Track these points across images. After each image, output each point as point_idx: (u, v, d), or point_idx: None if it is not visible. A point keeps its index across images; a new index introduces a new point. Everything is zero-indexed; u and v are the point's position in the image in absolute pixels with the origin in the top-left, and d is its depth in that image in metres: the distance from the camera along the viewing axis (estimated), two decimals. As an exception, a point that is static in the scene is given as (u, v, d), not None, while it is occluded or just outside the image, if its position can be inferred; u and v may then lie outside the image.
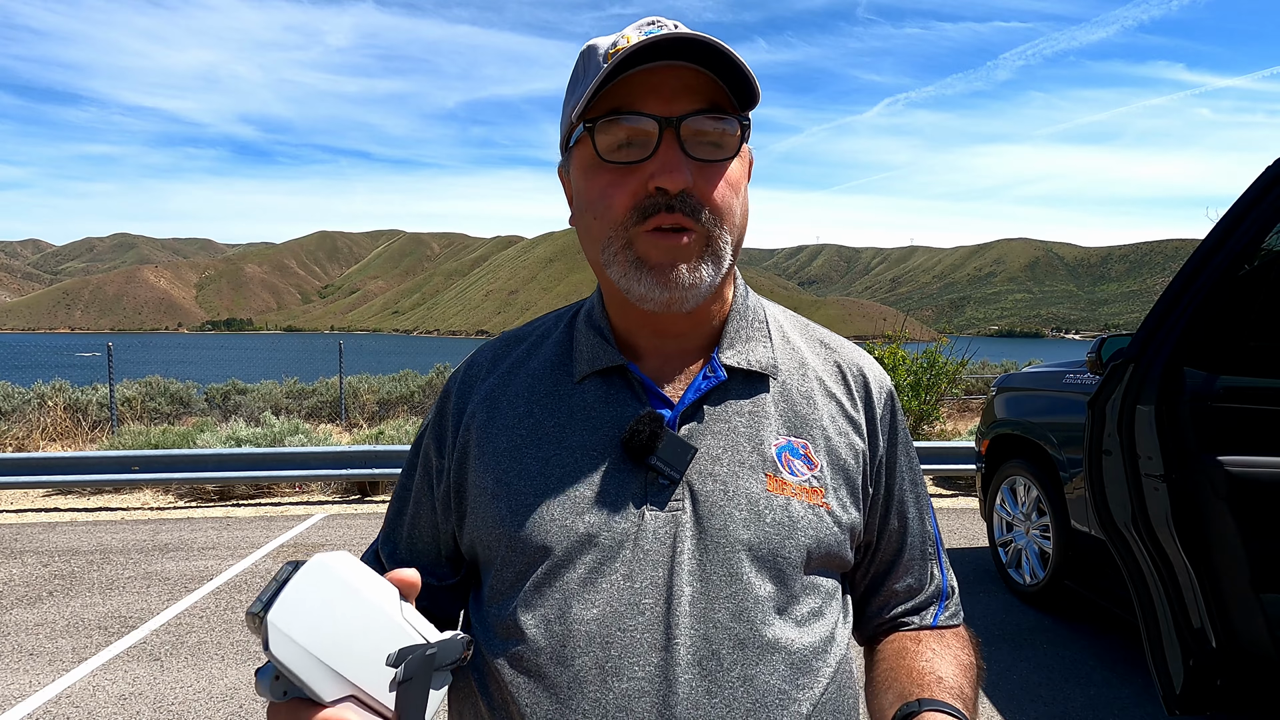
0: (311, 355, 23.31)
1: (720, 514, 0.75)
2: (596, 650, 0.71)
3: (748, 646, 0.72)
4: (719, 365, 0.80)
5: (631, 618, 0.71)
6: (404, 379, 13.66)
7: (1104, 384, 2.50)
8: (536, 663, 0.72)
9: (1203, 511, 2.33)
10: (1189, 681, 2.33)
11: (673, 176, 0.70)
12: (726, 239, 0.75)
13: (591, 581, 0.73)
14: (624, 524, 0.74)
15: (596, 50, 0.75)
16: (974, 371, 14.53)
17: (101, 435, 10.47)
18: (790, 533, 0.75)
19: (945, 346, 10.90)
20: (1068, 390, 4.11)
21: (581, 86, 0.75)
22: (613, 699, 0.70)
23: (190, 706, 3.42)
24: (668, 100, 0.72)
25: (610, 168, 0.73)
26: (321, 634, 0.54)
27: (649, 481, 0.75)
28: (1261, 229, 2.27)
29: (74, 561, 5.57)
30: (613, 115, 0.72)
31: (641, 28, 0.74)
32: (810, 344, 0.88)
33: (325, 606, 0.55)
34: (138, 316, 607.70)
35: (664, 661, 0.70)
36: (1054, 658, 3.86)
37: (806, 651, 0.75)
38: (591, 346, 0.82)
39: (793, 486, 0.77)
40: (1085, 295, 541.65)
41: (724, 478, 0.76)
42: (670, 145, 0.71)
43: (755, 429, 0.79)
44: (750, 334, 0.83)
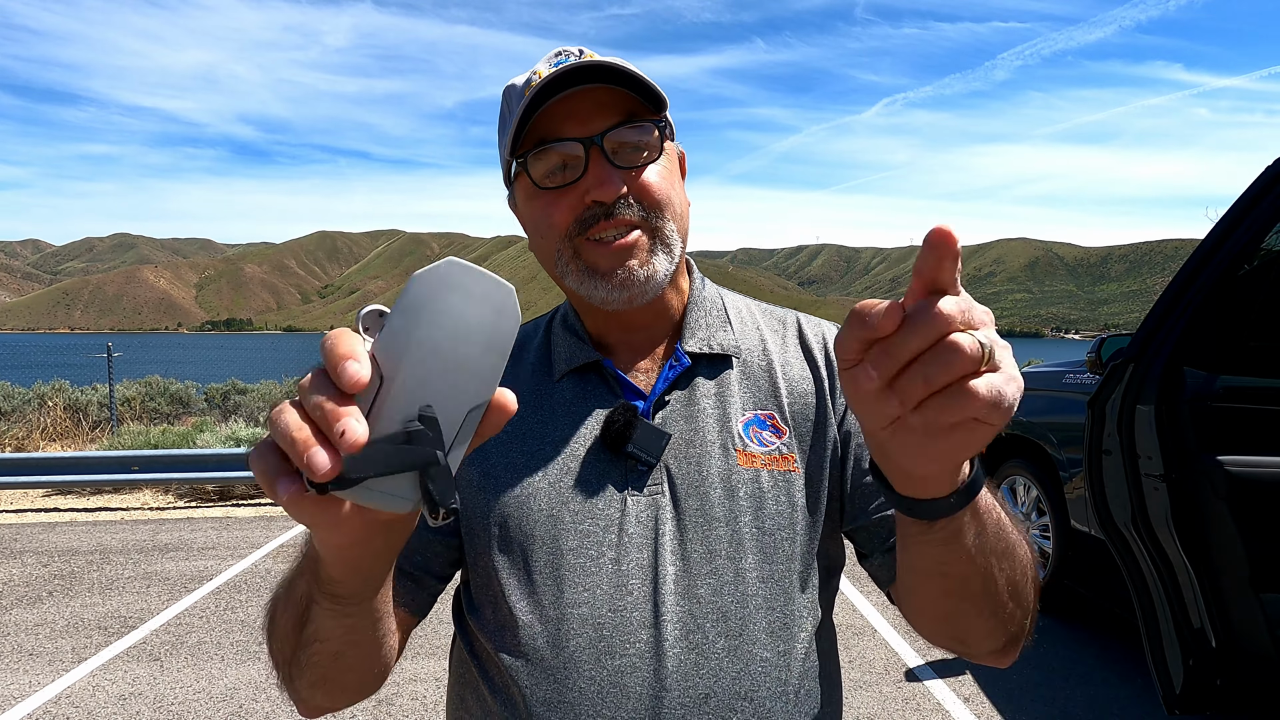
0: (311, 355, 23.38)
1: (696, 494, 0.79)
2: (590, 631, 0.75)
3: (730, 619, 0.76)
4: (683, 354, 0.85)
5: (620, 598, 0.76)
6: (404, 379, 13.66)
7: (1104, 384, 2.50)
8: (534, 646, 0.76)
9: (1203, 511, 2.33)
10: (1189, 681, 2.33)
11: (605, 188, 0.77)
12: (672, 227, 0.80)
13: (581, 566, 0.77)
14: (608, 510, 0.79)
15: (515, 88, 0.82)
16: (974, 371, 14.52)
17: (101, 435, 10.47)
18: (762, 503, 0.79)
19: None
20: (1067, 390, 4.11)
21: (508, 124, 0.80)
22: (607, 676, 0.74)
23: (190, 706, 3.42)
24: (586, 121, 0.77)
25: (549, 192, 0.79)
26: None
27: (628, 469, 0.80)
28: (1261, 229, 2.27)
29: (74, 561, 5.57)
30: (540, 146, 0.78)
31: (550, 61, 0.80)
32: (769, 322, 0.93)
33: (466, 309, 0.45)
34: (137, 316, 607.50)
35: (653, 638, 0.75)
36: (1054, 657, 3.86)
37: (788, 618, 0.79)
38: (568, 346, 0.87)
39: (761, 458, 0.81)
40: (1085, 295, 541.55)
41: (696, 459, 0.80)
42: (598, 161, 0.77)
43: (722, 408, 0.83)
44: (709, 320, 0.88)
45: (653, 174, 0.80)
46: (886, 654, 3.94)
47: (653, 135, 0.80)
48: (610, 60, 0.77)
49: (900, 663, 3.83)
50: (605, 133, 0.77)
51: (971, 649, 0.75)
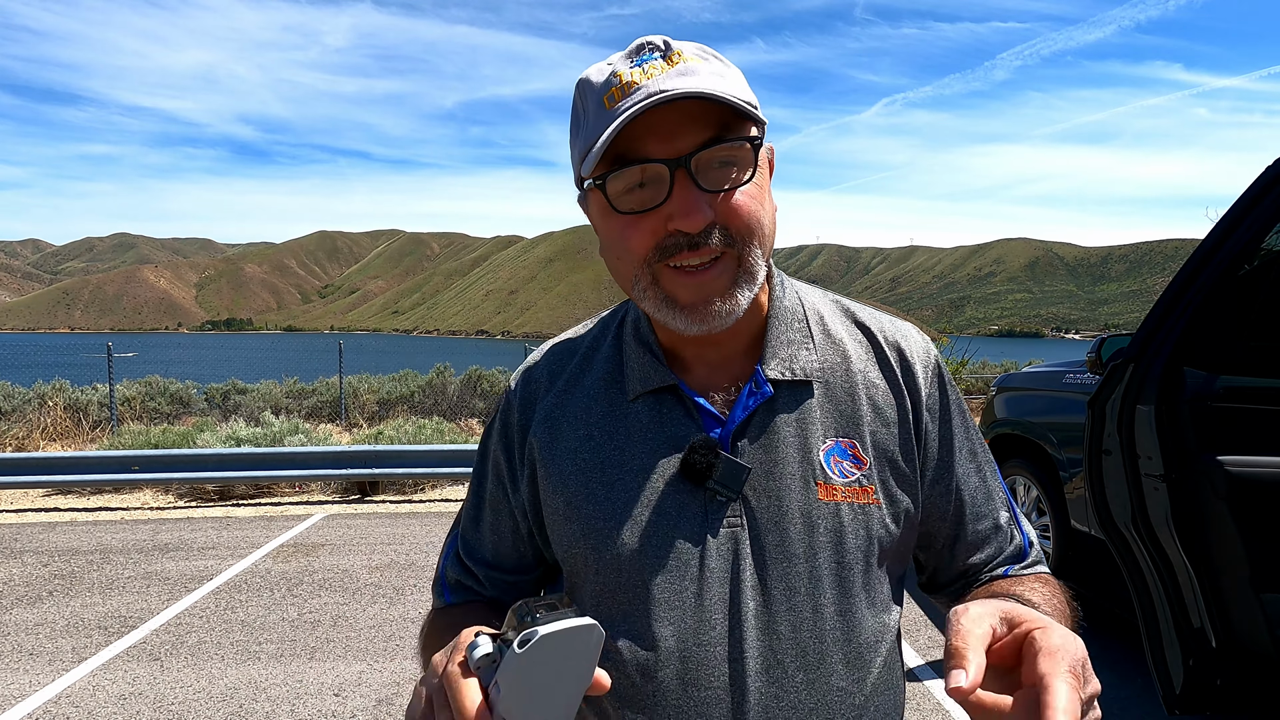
0: (311, 355, 23.30)
1: (775, 529, 0.78)
2: (676, 664, 0.77)
3: (808, 653, 0.78)
4: (764, 380, 0.81)
5: (704, 633, 0.77)
6: (404, 379, 13.66)
7: (1104, 384, 2.50)
8: (625, 674, 0.79)
9: (1203, 511, 2.33)
10: (1189, 681, 2.33)
11: (691, 218, 0.71)
12: (758, 254, 0.75)
13: (666, 601, 0.78)
14: (689, 545, 0.79)
15: (593, 88, 0.74)
16: (974, 371, 14.52)
17: (101, 435, 10.47)
18: (841, 538, 0.79)
19: (945, 346, 10.91)
20: (1068, 390, 4.11)
21: (584, 131, 0.74)
22: (693, 706, 0.77)
23: (190, 706, 3.42)
24: (672, 137, 0.71)
25: (626, 215, 0.74)
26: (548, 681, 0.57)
27: (707, 500, 0.79)
28: (1261, 229, 2.27)
29: (74, 561, 5.57)
30: (619, 165, 0.71)
31: (631, 58, 0.73)
32: (850, 331, 0.88)
33: (562, 661, 0.58)
34: (137, 316, 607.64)
35: (736, 672, 0.77)
36: (1054, 657, 3.86)
37: (862, 647, 0.80)
38: (642, 365, 0.84)
39: (841, 490, 0.80)
40: (1085, 295, 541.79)
41: (777, 492, 0.79)
42: (684, 185, 0.71)
43: (803, 438, 0.81)
44: (791, 338, 0.84)
45: (743, 196, 0.73)
46: (886, 654, 3.94)
47: (745, 151, 0.73)
48: (698, 84, 0.69)
49: (900, 663, 3.83)
50: (693, 154, 0.70)
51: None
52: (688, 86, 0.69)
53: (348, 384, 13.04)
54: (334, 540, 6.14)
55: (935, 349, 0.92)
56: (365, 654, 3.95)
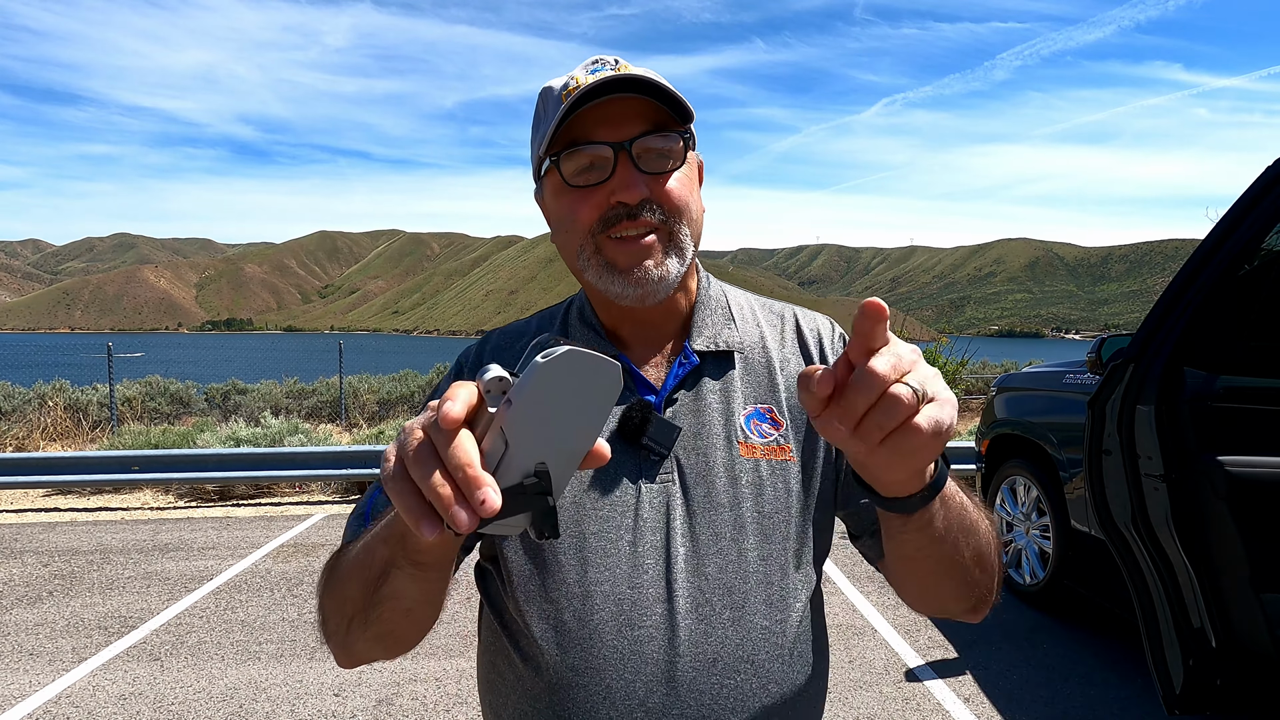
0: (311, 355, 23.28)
1: (703, 482, 0.88)
2: (611, 606, 0.84)
3: (734, 592, 0.86)
4: (691, 352, 0.93)
5: (637, 576, 0.85)
6: (404, 379, 13.66)
7: (1104, 384, 2.50)
8: (561, 619, 0.85)
9: (1203, 511, 2.33)
10: (1189, 681, 2.33)
11: (630, 191, 0.83)
12: (685, 232, 0.87)
13: (602, 549, 0.86)
14: (625, 497, 0.87)
15: (552, 91, 0.87)
16: (974, 371, 14.52)
17: (102, 435, 10.47)
18: (761, 490, 0.89)
19: (945, 346, 10.91)
20: (1068, 390, 4.11)
21: (544, 125, 0.87)
22: (628, 645, 0.83)
23: (190, 706, 3.42)
24: (617, 127, 0.84)
25: (577, 190, 0.86)
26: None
27: (642, 459, 0.88)
28: (1261, 229, 2.27)
29: (74, 561, 5.57)
30: (572, 146, 0.84)
31: (587, 68, 0.86)
32: (767, 317, 1.01)
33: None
34: (138, 316, 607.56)
35: (667, 611, 0.84)
36: (1054, 657, 3.86)
37: (785, 590, 0.89)
38: (584, 340, 0.94)
39: (760, 449, 0.90)
40: (1085, 295, 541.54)
41: (703, 450, 0.89)
42: (625, 165, 0.84)
43: (726, 403, 0.92)
44: (715, 319, 0.96)
45: (674, 181, 0.86)
46: (886, 654, 3.94)
47: (677, 145, 0.86)
48: (643, 73, 0.84)
49: (900, 663, 3.83)
50: (634, 140, 0.84)
51: (948, 613, 0.88)
52: (633, 74, 0.83)
53: (348, 384, 13.04)
54: (334, 540, 6.14)
55: (842, 330, 1.02)
56: (365, 654, 3.95)
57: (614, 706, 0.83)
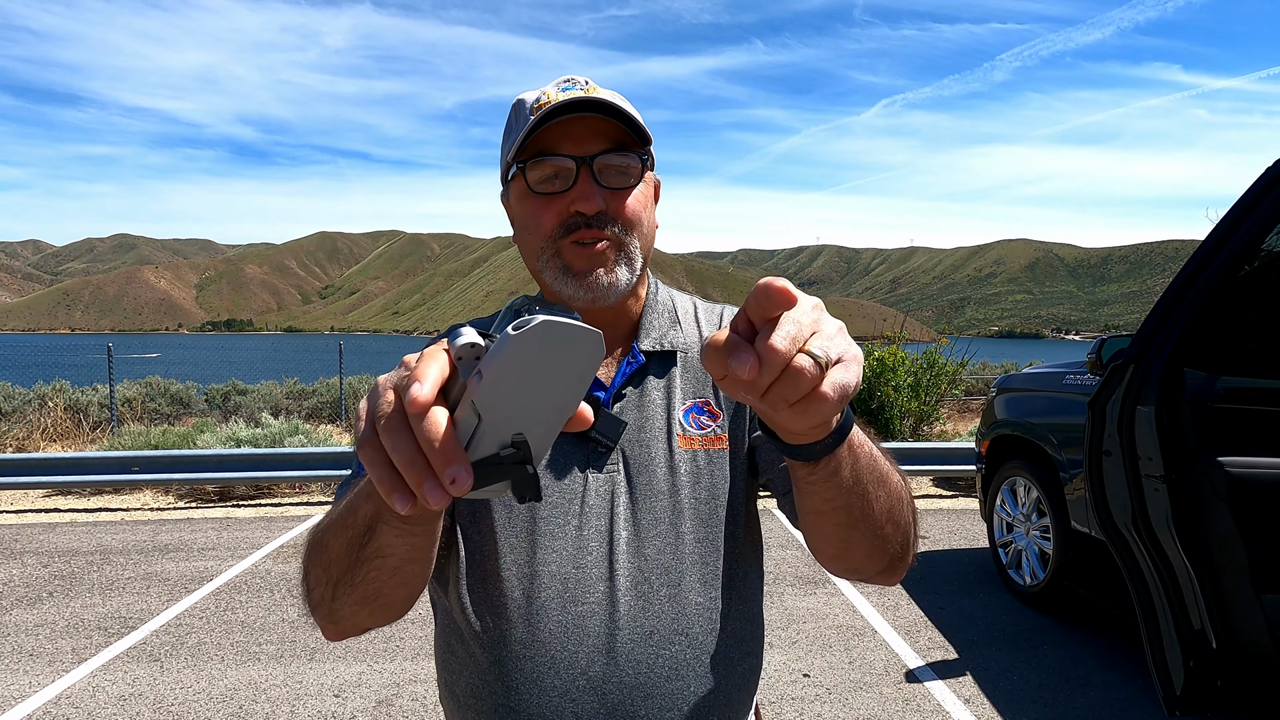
0: (311, 356, 23.31)
1: (645, 472, 0.95)
2: (557, 585, 0.91)
3: (671, 572, 0.92)
4: (638, 352, 1.00)
5: (582, 558, 0.91)
6: (404, 379, 13.63)
7: (1104, 385, 2.50)
8: (511, 596, 0.91)
9: (1203, 512, 2.33)
10: (1189, 682, 2.33)
11: (588, 202, 0.90)
12: (636, 245, 0.94)
13: (550, 532, 0.92)
14: (573, 485, 0.94)
15: (525, 104, 0.93)
16: (974, 372, 14.52)
17: (102, 436, 10.47)
18: (698, 478, 0.96)
19: (945, 347, 10.89)
20: (1068, 391, 4.11)
21: (514, 133, 0.93)
22: (572, 620, 0.90)
23: (190, 707, 3.42)
24: (581, 143, 0.91)
25: (540, 196, 0.92)
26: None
27: (590, 451, 0.95)
28: (1262, 229, 2.27)
29: (74, 562, 5.57)
30: (539, 157, 0.91)
31: (559, 86, 0.93)
32: (708, 317, 1.08)
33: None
34: (138, 317, 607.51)
35: (609, 589, 0.91)
36: (1054, 658, 3.85)
37: (717, 570, 0.95)
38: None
39: (698, 440, 0.97)
40: (1085, 296, 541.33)
41: (646, 443, 0.96)
42: (586, 178, 0.90)
43: (667, 399, 0.99)
44: (661, 322, 1.04)
45: (630, 198, 0.93)
46: (886, 655, 3.94)
47: (636, 164, 0.93)
48: (609, 97, 0.91)
49: (900, 664, 3.83)
50: (596, 155, 0.90)
51: (862, 573, 0.88)
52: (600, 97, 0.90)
53: (348, 384, 13.04)
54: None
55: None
56: (365, 655, 3.95)
57: (558, 676, 0.89)
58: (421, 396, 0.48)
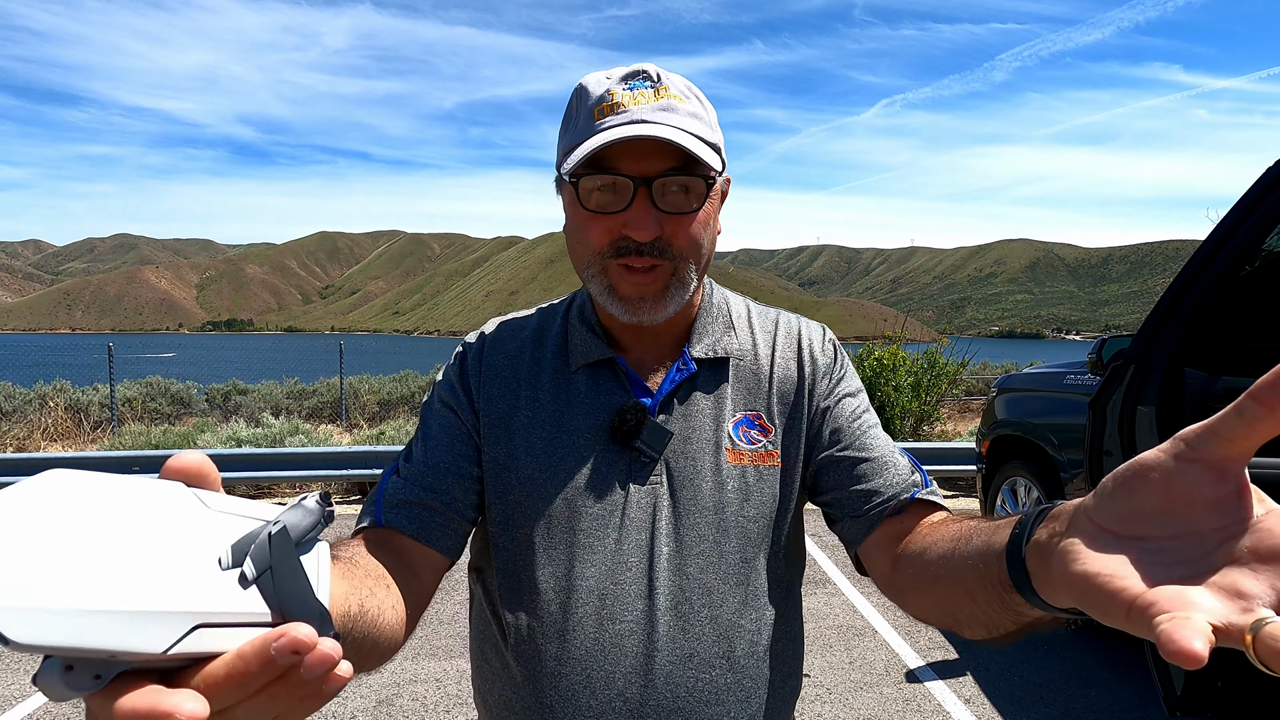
0: (312, 355, 23.32)
1: (690, 486, 0.90)
2: (595, 601, 0.86)
3: (713, 592, 0.88)
4: (689, 359, 0.94)
5: (621, 574, 0.87)
6: (404, 379, 13.67)
7: (1105, 385, 2.50)
8: (548, 610, 0.87)
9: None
10: (1189, 683, 2.33)
11: (641, 230, 0.82)
12: (692, 269, 0.87)
13: (589, 545, 0.88)
14: (614, 497, 0.89)
15: (588, 97, 0.85)
16: (974, 372, 14.53)
17: (102, 436, 10.47)
18: (747, 495, 0.91)
19: (946, 347, 10.90)
20: (1068, 391, 4.11)
21: (572, 131, 0.86)
22: (609, 638, 0.86)
23: (190, 707, 3.42)
24: (641, 160, 0.82)
25: (591, 211, 0.85)
26: (98, 575, 0.37)
27: (633, 460, 0.90)
28: (1262, 230, 2.27)
29: (74, 562, 5.57)
30: (594, 171, 0.83)
31: (626, 81, 0.84)
32: (763, 324, 1.02)
33: (85, 540, 0.38)
34: (138, 317, 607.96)
35: (648, 607, 0.86)
36: (1054, 658, 3.86)
37: (762, 590, 0.91)
38: (585, 341, 0.95)
39: (748, 455, 0.92)
40: (1086, 296, 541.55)
41: (693, 455, 0.91)
42: (642, 201, 0.82)
43: (718, 410, 0.93)
44: (714, 328, 0.97)
45: (690, 224, 0.85)
46: (887, 655, 3.94)
47: (699, 185, 0.84)
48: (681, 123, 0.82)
49: (901, 664, 3.83)
50: (656, 178, 0.82)
51: (964, 633, 0.73)
52: (663, 123, 0.81)
53: (348, 384, 13.04)
54: (334, 541, 6.14)
55: (834, 336, 1.04)
56: (365, 655, 3.95)
57: (594, 696, 0.85)
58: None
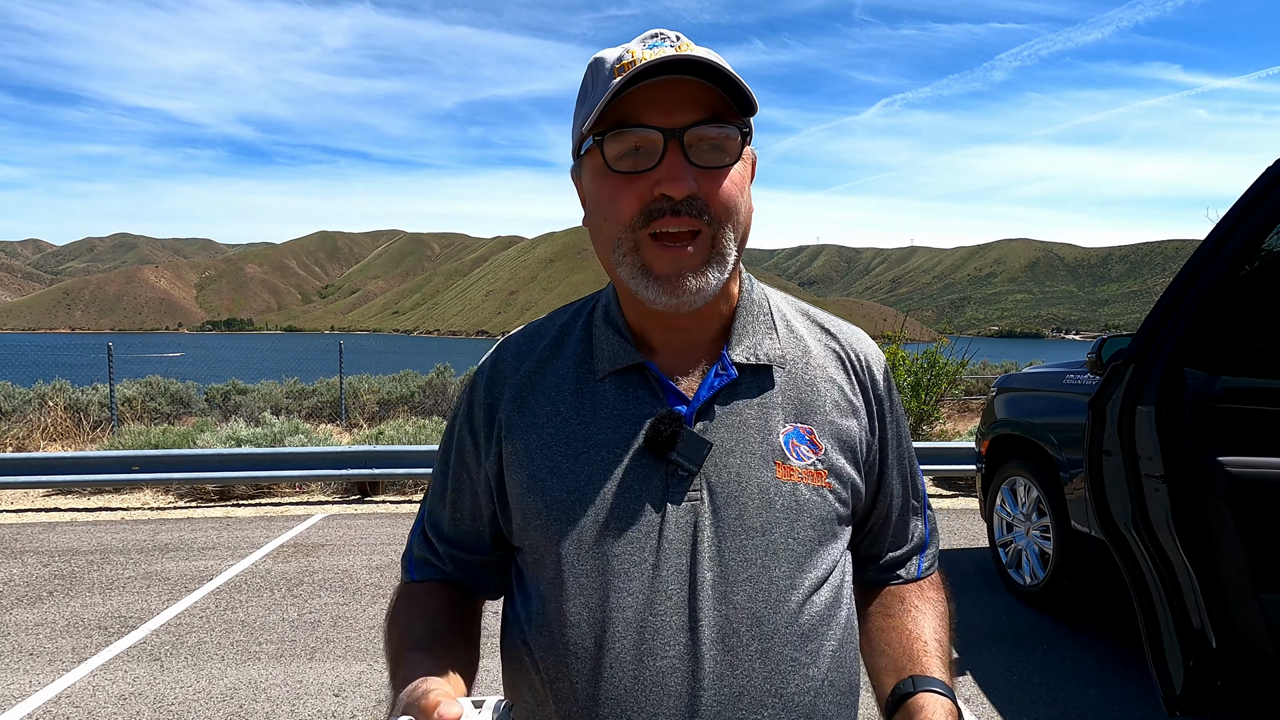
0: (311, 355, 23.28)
1: (734, 503, 0.81)
2: (633, 634, 0.78)
3: (764, 623, 0.79)
4: (729, 363, 0.85)
5: (661, 603, 0.79)
6: (404, 379, 13.66)
7: (1104, 384, 2.50)
8: (582, 645, 0.80)
9: (1203, 512, 2.33)
10: (1189, 682, 2.33)
11: (676, 185, 0.75)
12: (730, 237, 0.79)
13: (624, 571, 0.80)
14: (649, 517, 0.81)
15: (604, 64, 0.79)
16: (974, 372, 14.53)
17: (102, 435, 10.47)
18: (798, 515, 0.82)
19: (945, 347, 10.89)
20: (1068, 391, 4.11)
21: (591, 99, 0.79)
22: (649, 675, 0.77)
23: (190, 706, 3.42)
24: (670, 112, 0.76)
25: (619, 175, 0.78)
26: None
27: (669, 474, 0.81)
28: (1262, 230, 2.27)
29: (74, 561, 5.57)
30: (620, 128, 0.76)
31: (645, 41, 0.78)
32: (811, 330, 0.93)
33: None
34: (138, 316, 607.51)
35: (691, 641, 0.78)
36: (1054, 658, 3.85)
37: (815, 620, 0.82)
38: (611, 345, 0.87)
39: (799, 472, 0.83)
40: (1085, 296, 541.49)
41: (737, 469, 0.82)
42: (674, 154, 0.75)
43: (764, 420, 0.84)
44: (756, 328, 0.88)
45: (726, 180, 0.78)
46: (887, 655, 3.93)
47: (735, 139, 0.78)
48: (706, 55, 0.75)
49: (900, 663, 3.83)
50: (688, 128, 0.75)
51: None
52: (695, 55, 0.74)
53: (348, 384, 13.04)
54: (334, 540, 6.14)
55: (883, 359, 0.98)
56: (365, 654, 3.95)
57: None
58: None
